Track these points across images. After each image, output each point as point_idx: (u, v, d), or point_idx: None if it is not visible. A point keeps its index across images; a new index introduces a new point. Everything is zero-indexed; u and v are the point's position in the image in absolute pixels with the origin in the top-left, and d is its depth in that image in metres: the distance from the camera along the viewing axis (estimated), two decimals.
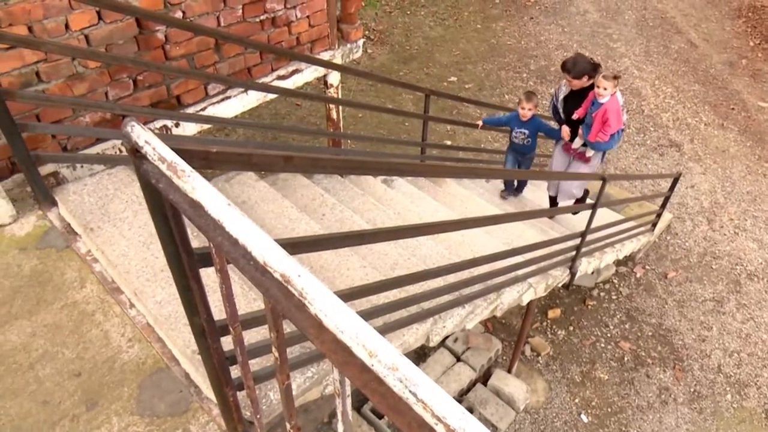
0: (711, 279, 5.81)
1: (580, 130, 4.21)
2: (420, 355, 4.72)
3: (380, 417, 4.09)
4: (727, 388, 4.86)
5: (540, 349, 5.03)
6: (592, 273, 5.07)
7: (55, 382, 1.97)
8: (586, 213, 3.70)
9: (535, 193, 5.41)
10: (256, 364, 1.72)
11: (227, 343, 1.42)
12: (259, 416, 1.53)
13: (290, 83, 3.69)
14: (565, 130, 4.34)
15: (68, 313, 2.20)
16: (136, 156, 1.00)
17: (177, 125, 3.12)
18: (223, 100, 3.34)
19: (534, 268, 3.38)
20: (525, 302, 3.59)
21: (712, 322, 5.39)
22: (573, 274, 3.95)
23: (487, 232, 3.89)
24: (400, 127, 7.31)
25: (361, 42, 4.19)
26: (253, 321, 1.50)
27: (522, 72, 8.69)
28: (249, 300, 2.13)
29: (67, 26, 2.57)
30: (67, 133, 2.76)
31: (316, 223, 2.94)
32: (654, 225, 5.70)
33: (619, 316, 5.41)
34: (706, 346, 5.18)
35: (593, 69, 3.98)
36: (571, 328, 5.27)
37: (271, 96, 3.63)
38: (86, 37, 2.66)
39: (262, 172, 3.43)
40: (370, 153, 5.29)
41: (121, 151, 2.93)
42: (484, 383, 4.62)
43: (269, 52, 3.52)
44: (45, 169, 2.62)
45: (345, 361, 0.73)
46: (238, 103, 3.41)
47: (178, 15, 2.97)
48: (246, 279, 2.19)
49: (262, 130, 6.51)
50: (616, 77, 3.86)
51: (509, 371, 4.76)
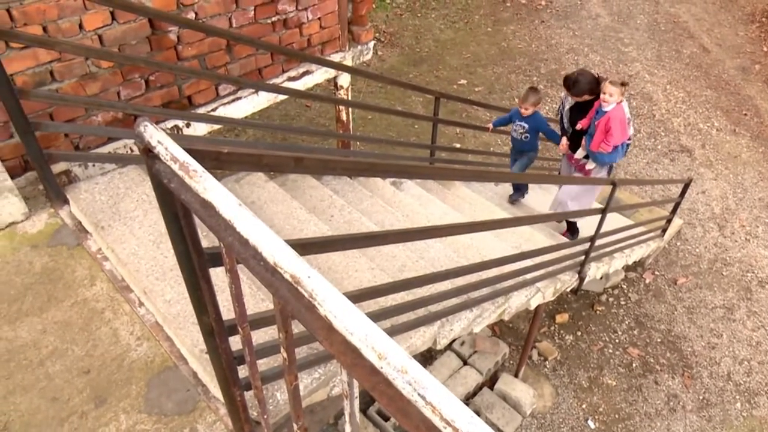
0: (721, 286, 5.75)
1: (583, 141, 4.11)
2: (426, 358, 4.71)
3: (386, 419, 4.09)
4: (737, 397, 4.81)
5: (547, 354, 5.00)
6: (601, 278, 5.04)
7: (64, 379, 1.99)
8: (595, 218, 3.68)
9: (543, 197, 5.39)
10: (264, 365, 1.72)
11: (235, 343, 1.42)
12: (266, 416, 1.53)
13: (301, 84, 3.70)
14: (563, 142, 4.25)
15: (78, 311, 2.22)
16: (148, 156, 1.01)
17: (188, 125, 3.14)
18: (233, 101, 3.35)
19: (543, 272, 3.36)
20: (533, 306, 3.57)
21: (722, 330, 5.34)
22: (582, 279, 3.93)
23: (496, 236, 3.88)
24: (410, 130, 7.31)
25: (371, 44, 4.19)
26: (261, 321, 1.50)
27: (532, 75, 8.67)
28: (257, 300, 2.13)
29: (81, 26, 2.60)
30: (80, 132, 2.79)
31: (325, 225, 2.94)
32: (664, 231, 5.66)
33: (627, 322, 5.37)
34: (716, 354, 5.13)
35: (597, 86, 3.84)
36: (579, 333, 5.24)
37: (282, 97, 3.65)
38: (100, 37, 2.68)
39: (272, 173, 3.44)
40: (379, 155, 5.29)
41: (132, 151, 2.95)
42: (491, 387, 4.61)
43: (280, 54, 3.54)
44: (57, 168, 2.64)
45: (354, 363, 0.73)
46: (248, 104, 3.43)
47: (191, 16, 2.99)
48: (255, 279, 2.21)
49: (272, 130, 6.54)
50: (624, 84, 3.75)
51: (516, 375, 4.74)
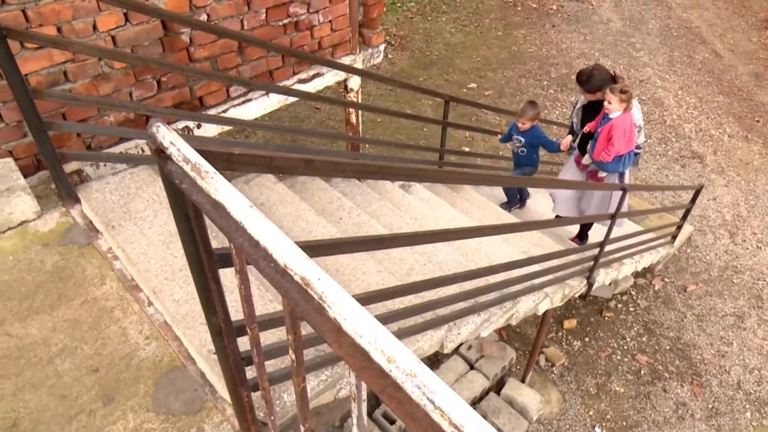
0: (732, 293, 5.70)
1: (589, 146, 3.91)
2: (433, 362, 4.69)
3: (392, 422, 4.08)
4: (747, 406, 4.76)
5: (555, 360, 4.97)
6: (610, 284, 5.00)
7: (73, 377, 2.00)
8: (605, 223, 3.66)
9: (551, 203, 5.36)
10: (271, 366, 1.72)
11: (243, 344, 1.43)
12: (273, 417, 1.54)
13: (311, 87, 3.71)
14: (566, 141, 4.04)
15: (88, 309, 2.23)
16: (160, 156, 1.01)
17: (198, 126, 3.16)
18: (244, 103, 3.37)
19: (551, 277, 3.35)
20: (541, 312, 3.56)
21: (733, 338, 5.29)
22: (590, 285, 3.91)
23: (504, 240, 3.87)
24: (419, 133, 7.31)
25: (382, 47, 4.20)
26: (269, 322, 1.51)
27: (542, 80, 8.64)
28: (265, 301, 2.14)
29: (94, 27, 2.62)
30: (92, 132, 2.81)
31: (333, 227, 2.95)
32: (674, 237, 5.61)
33: (636, 329, 5.33)
34: (726, 362, 5.08)
35: (612, 83, 3.65)
36: (587, 339, 5.20)
37: (292, 99, 3.66)
38: (113, 38, 2.71)
39: (281, 175, 3.45)
40: (389, 157, 5.29)
41: (143, 151, 2.97)
42: (497, 392, 4.59)
43: (291, 56, 3.55)
44: (69, 167, 2.67)
45: (363, 366, 0.73)
46: (259, 106, 3.44)
47: (203, 18, 3.01)
48: (263, 280, 2.22)
49: (282, 132, 6.56)
50: (623, 92, 3.52)
51: (523, 381, 4.71)
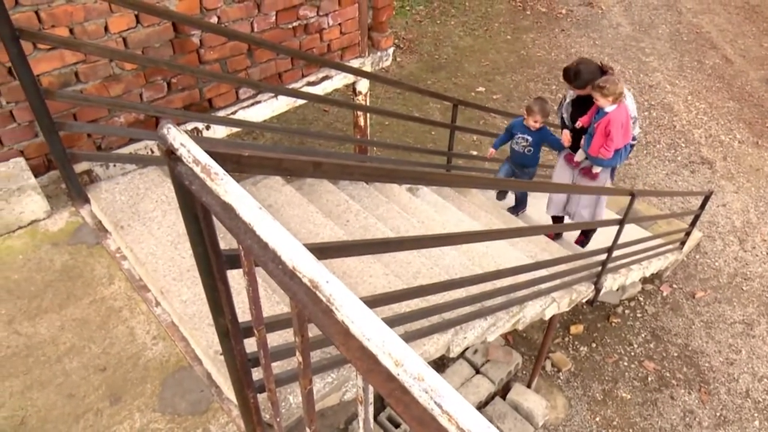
0: (741, 301, 5.65)
1: (582, 141, 3.78)
2: (439, 366, 4.68)
3: (397, 426, 4.07)
4: (756, 414, 4.71)
5: (561, 365, 4.95)
6: (618, 290, 4.98)
7: (81, 376, 2.01)
8: (612, 228, 3.64)
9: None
10: (277, 367, 1.72)
11: (249, 345, 1.43)
12: (279, 419, 1.54)
13: (320, 89, 3.72)
14: (566, 135, 3.90)
15: (96, 309, 2.24)
16: (171, 158, 1.02)
17: (208, 128, 3.17)
18: (253, 105, 3.38)
19: (558, 282, 3.33)
20: (548, 317, 3.54)
21: (741, 345, 5.24)
22: (598, 290, 3.89)
23: (511, 245, 3.86)
24: (427, 136, 7.30)
25: (391, 50, 4.20)
26: (276, 324, 1.51)
27: (551, 84, 8.62)
28: (272, 303, 2.14)
29: (106, 29, 2.64)
30: (102, 133, 2.83)
31: (340, 229, 2.95)
32: (683, 243, 5.58)
33: (643, 335, 5.29)
34: (734, 370, 5.03)
35: (600, 74, 3.50)
36: (594, 345, 5.17)
37: (300, 102, 3.67)
38: (124, 40, 2.73)
39: (289, 177, 3.46)
40: (396, 161, 5.30)
41: (152, 152, 2.99)
42: (503, 397, 4.57)
43: (300, 59, 3.56)
44: (79, 167, 2.68)
45: (370, 369, 0.73)
46: (267, 108, 3.45)
47: (213, 20, 3.03)
48: (270, 282, 2.22)
49: (290, 134, 6.57)
50: (601, 87, 3.39)
51: (529, 386, 4.69)
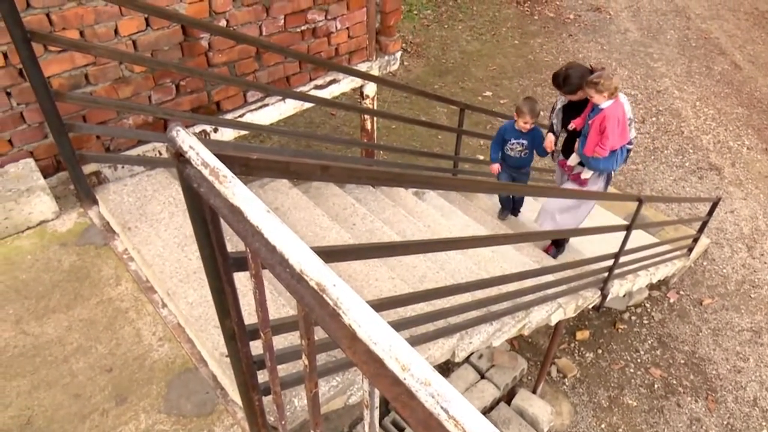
0: (749, 308, 5.60)
1: (577, 144, 3.64)
2: (443, 370, 4.67)
3: (401, 430, 4.06)
4: (763, 423, 4.67)
5: (567, 371, 4.92)
6: (624, 296, 4.95)
7: (87, 376, 2.02)
8: (619, 235, 3.62)
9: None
10: (281, 370, 1.72)
11: (255, 348, 1.43)
12: (283, 422, 1.54)
13: (327, 93, 3.73)
14: (549, 140, 3.81)
15: (103, 309, 2.26)
16: (179, 160, 1.02)
17: (215, 130, 3.18)
18: (261, 108, 3.40)
19: (564, 287, 3.32)
20: (553, 322, 3.52)
21: (749, 353, 5.20)
22: (604, 296, 3.87)
23: (518, 249, 3.85)
24: (433, 140, 7.30)
25: (398, 54, 4.21)
26: (282, 327, 1.51)
27: None
28: (278, 306, 2.15)
29: (116, 31, 2.66)
30: (111, 135, 2.85)
31: (347, 233, 2.95)
32: (690, 249, 5.54)
33: (650, 342, 5.26)
34: (742, 378, 4.99)
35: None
36: (600, 351, 5.15)
37: (308, 105, 3.68)
38: (134, 43, 2.75)
39: (296, 180, 3.47)
40: (403, 164, 5.30)
41: (160, 154, 3.01)
42: (508, 402, 4.54)
43: (308, 62, 3.58)
44: (88, 168, 2.70)
45: (377, 373, 0.73)
46: (275, 111, 3.47)
47: (222, 23, 3.05)
48: (276, 284, 2.23)
49: (297, 137, 6.59)
50: (594, 82, 3.27)
51: (534, 391, 4.67)
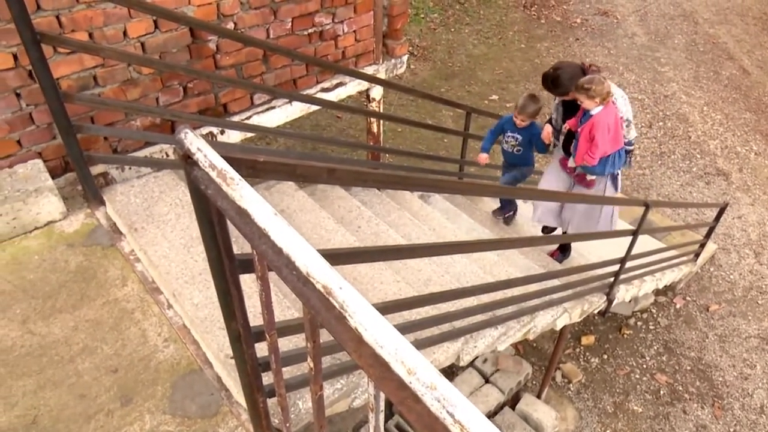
0: (756, 315, 5.56)
1: (572, 147, 3.50)
2: (448, 374, 4.66)
3: None
4: None
5: (572, 376, 4.90)
6: (630, 301, 4.92)
7: (92, 377, 2.03)
8: (625, 239, 3.60)
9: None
10: (286, 372, 1.73)
11: (260, 350, 1.43)
12: (288, 424, 1.54)
13: (333, 96, 3.74)
14: (547, 130, 3.63)
15: (109, 310, 2.26)
16: (187, 162, 1.03)
17: (222, 132, 3.20)
18: (267, 110, 3.41)
19: (570, 292, 3.31)
20: (559, 327, 3.51)
21: (756, 360, 5.16)
22: (610, 301, 3.85)
23: (523, 253, 3.84)
24: (439, 144, 7.30)
25: (405, 58, 4.22)
26: (287, 329, 1.51)
27: None
28: (283, 308, 2.15)
29: (125, 33, 2.68)
30: (119, 136, 2.87)
31: (352, 235, 2.96)
32: (697, 255, 5.51)
33: (656, 348, 5.23)
34: (749, 385, 4.95)
35: (583, 76, 3.15)
36: (605, 357, 5.12)
37: (314, 107, 3.69)
38: (142, 45, 2.77)
39: (302, 182, 3.48)
40: (409, 168, 5.30)
41: (167, 155, 3.02)
42: (512, 407, 4.53)
43: (315, 65, 3.59)
44: (95, 170, 2.71)
45: (382, 377, 0.72)
46: (281, 114, 3.47)
47: (230, 26, 3.06)
48: (282, 286, 2.23)
49: (303, 140, 6.61)
50: (586, 88, 3.06)
51: (539, 396, 4.65)
